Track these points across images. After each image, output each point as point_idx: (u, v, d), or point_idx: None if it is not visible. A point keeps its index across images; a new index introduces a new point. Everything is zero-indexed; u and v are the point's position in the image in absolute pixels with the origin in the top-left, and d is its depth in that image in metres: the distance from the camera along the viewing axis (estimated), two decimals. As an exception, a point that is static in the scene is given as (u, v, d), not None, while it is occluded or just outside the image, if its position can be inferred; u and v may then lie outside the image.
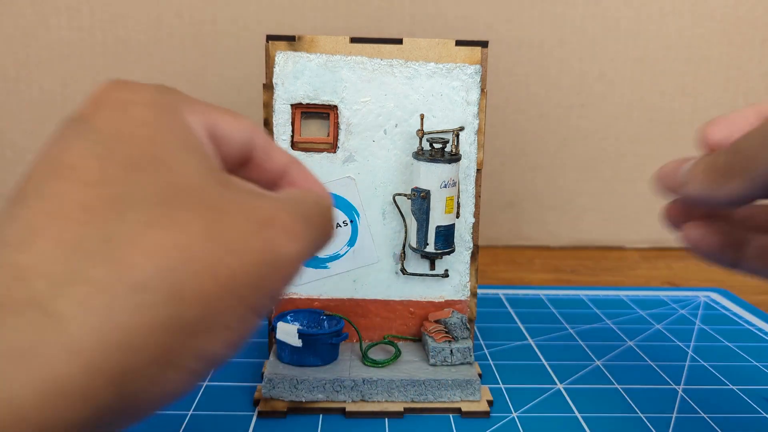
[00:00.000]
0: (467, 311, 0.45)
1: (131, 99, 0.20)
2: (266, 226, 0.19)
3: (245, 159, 0.24)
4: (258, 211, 0.19)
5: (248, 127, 0.24)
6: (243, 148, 0.24)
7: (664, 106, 0.78)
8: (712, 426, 0.39)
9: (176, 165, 0.19)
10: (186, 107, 0.22)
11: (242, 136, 0.23)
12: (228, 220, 0.18)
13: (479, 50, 0.43)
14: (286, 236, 0.20)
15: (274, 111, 0.42)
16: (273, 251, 0.19)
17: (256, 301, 0.19)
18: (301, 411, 0.40)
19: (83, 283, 0.15)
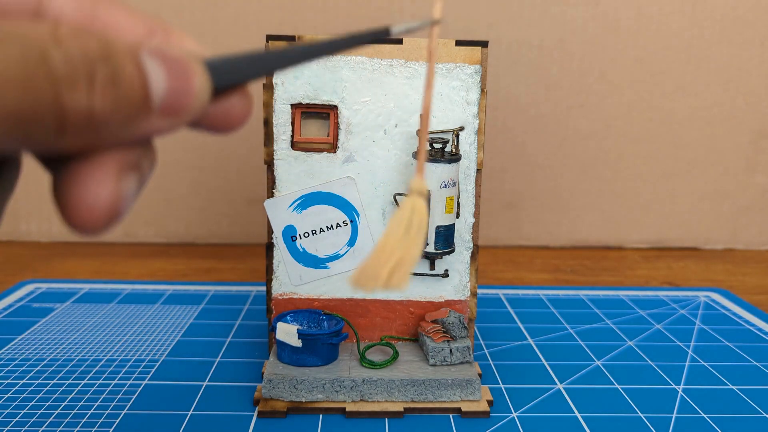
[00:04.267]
0: (467, 311, 0.45)
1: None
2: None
3: None
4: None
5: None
6: None
7: (664, 106, 0.78)
8: (712, 426, 0.39)
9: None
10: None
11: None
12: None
13: (479, 50, 0.43)
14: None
15: (274, 111, 0.42)
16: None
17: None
18: (301, 411, 0.40)
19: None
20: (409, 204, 0.24)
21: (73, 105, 0.16)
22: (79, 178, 0.18)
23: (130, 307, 0.57)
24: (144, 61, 0.18)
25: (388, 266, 0.24)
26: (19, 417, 0.39)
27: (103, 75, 0.17)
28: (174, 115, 0.19)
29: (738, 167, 0.81)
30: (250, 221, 0.79)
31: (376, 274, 0.24)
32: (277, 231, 0.43)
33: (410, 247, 0.24)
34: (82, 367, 0.46)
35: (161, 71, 0.18)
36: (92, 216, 0.18)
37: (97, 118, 0.17)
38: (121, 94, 0.17)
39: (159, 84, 0.18)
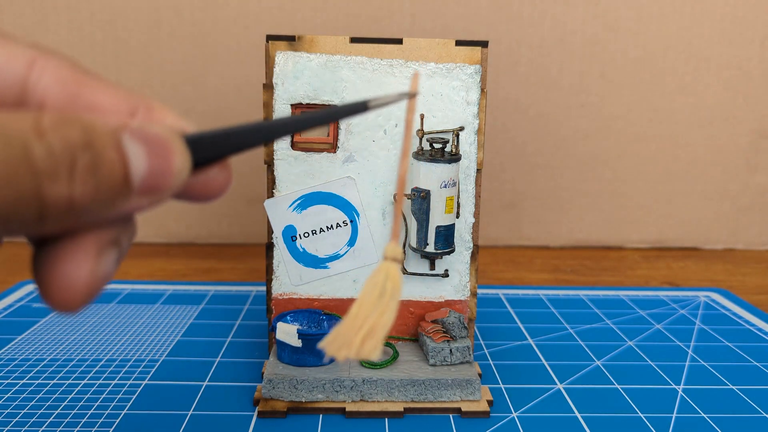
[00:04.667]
0: (467, 311, 0.45)
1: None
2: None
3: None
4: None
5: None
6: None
7: (664, 106, 0.78)
8: (712, 426, 0.39)
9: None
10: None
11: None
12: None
13: (479, 50, 0.42)
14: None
15: (274, 111, 0.42)
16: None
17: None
18: (301, 411, 0.40)
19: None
20: (384, 270, 0.25)
21: (54, 196, 0.16)
22: (58, 259, 0.18)
23: (130, 307, 0.57)
24: (125, 143, 0.18)
25: (361, 334, 0.24)
26: (19, 417, 0.39)
27: (84, 163, 0.17)
28: (154, 193, 0.19)
29: (738, 167, 0.81)
30: (250, 221, 0.79)
31: (349, 342, 0.24)
32: (277, 231, 0.43)
33: (383, 314, 0.24)
34: (82, 367, 0.46)
35: (142, 152, 0.18)
36: (70, 297, 0.19)
37: (77, 206, 0.17)
38: (101, 180, 0.17)
39: (139, 166, 0.18)
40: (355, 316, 0.24)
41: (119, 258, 0.20)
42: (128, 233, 0.21)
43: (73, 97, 0.20)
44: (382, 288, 0.24)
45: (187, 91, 0.75)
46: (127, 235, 0.21)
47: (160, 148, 0.19)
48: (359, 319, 0.24)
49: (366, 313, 0.24)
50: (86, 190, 0.17)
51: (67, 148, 0.17)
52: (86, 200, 0.17)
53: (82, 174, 0.17)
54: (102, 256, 0.19)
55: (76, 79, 0.20)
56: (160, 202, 0.20)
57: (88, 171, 0.17)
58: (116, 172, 0.18)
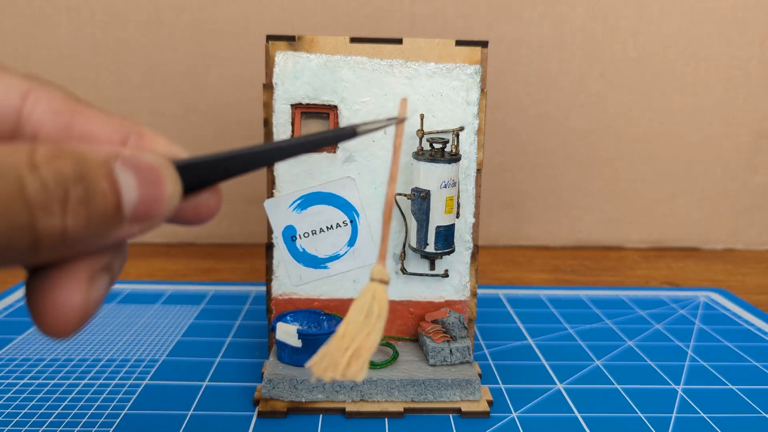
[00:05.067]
0: (467, 311, 0.45)
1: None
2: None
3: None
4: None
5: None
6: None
7: (664, 106, 0.78)
8: (712, 426, 0.39)
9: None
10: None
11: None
12: None
13: (479, 50, 0.43)
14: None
15: (274, 111, 0.42)
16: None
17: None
18: (301, 411, 0.40)
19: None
20: (370, 290, 0.25)
21: (47, 228, 0.17)
22: (51, 287, 0.19)
23: (130, 307, 0.57)
24: (117, 172, 0.18)
25: (347, 355, 0.24)
26: (20, 417, 0.39)
27: (77, 195, 0.17)
28: (146, 221, 0.19)
29: (738, 167, 0.81)
30: (250, 221, 0.79)
31: (335, 363, 0.24)
32: (277, 231, 0.43)
33: (369, 335, 0.24)
34: (82, 367, 0.46)
35: (133, 181, 0.19)
36: (62, 324, 0.19)
37: (70, 236, 0.17)
38: (93, 211, 0.18)
39: (131, 194, 0.19)
40: (342, 337, 0.25)
41: (111, 283, 0.21)
42: (120, 258, 0.21)
43: (66, 126, 0.20)
44: (369, 309, 0.25)
45: (187, 91, 0.75)
46: (118, 260, 0.21)
47: (151, 176, 0.19)
48: (346, 340, 0.24)
49: (353, 334, 0.25)
50: (79, 221, 0.17)
51: (60, 181, 0.17)
52: (79, 231, 0.17)
53: (75, 206, 0.17)
54: (94, 282, 0.19)
55: (69, 108, 0.20)
56: (152, 228, 0.20)
57: (81, 202, 0.17)
58: (108, 202, 0.18)
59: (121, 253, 0.21)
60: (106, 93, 0.75)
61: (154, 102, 0.75)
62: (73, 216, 0.17)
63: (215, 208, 0.22)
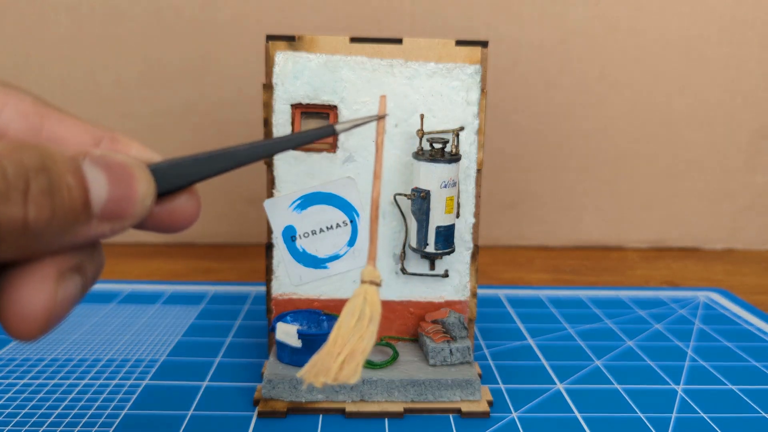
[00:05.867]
0: (467, 311, 0.45)
1: None
2: None
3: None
4: None
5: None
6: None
7: (664, 106, 0.78)
8: (711, 426, 0.39)
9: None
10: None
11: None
12: None
13: (479, 50, 0.42)
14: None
15: (274, 111, 0.42)
16: None
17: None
18: (301, 411, 0.40)
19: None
20: (362, 293, 0.24)
21: (6, 216, 0.16)
22: (16, 284, 0.18)
23: (130, 307, 0.57)
24: (85, 169, 0.18)
25: (339, 360, 0.24)
26: (20, 417, 0.39)
27: (39, 186, 0.17)
28: (116, 220, 0.19)
29: (738, 167, 0.81)
30: (250, 221, 0.79)
31: (327, 369, 0.23)
32: (276, 231, 0.43)
33: (362, 339, 0.24)
34: (82, 367, 0.46)
35: (103, 178, 0.18)
36: (27, 323, 0.18)
37: (32, 228, 0.17)
38: (58, 204, 0.17)
39: (100, 191, 0.18)
40: (334, 343, 0.24)
41: (84, 286, 0.20)
42: (94, 261, 0.20)
43: (35, 129, 0.20)
44: (361, 312, 0.24)
45: (187, 90, 0.75)
46: (93, 263, 0.20)
47: (122, 174, 0.19)
48: (337, 346, 0.24)
49: (345, 338, 0.24)
50: (42, 213, 0.17)
51: (21, 172, 0.17)
52: (41, 223, 0.17)
53: (37, 197, 0.17)
54: (62, 282, 0.19)
55: (39, 112, 0.20)
56: (123, 228, 0.20)
57: (44, 194, 0.17)
58: (75, 197, 0.18)
59: (94, 255, 0.21)
60: (106, 92, 0.75)
61: (153, 102, 0.75)
62: (35, 206, 0.17)
63: (193, 213, 0.22)
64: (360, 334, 0.24)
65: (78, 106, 0.75)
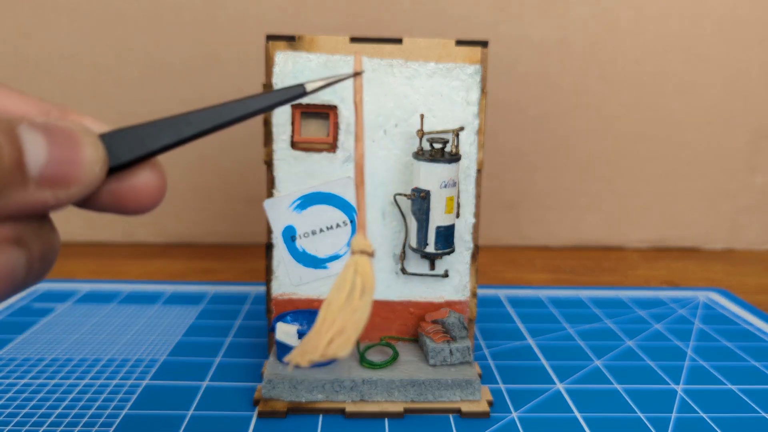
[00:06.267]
0: (467, 311, 0.45)
1: None
2: None
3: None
4: None
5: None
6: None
7: (664, 106, 0.78)
8: (711, 426, 0.39)
9: None
10: None
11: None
12: None
13: (479, 50, 0.42)
14: None
15: (274, 111, 0.42)
16: None
17: None
18: (301, 411, 0.40)
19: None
20: (352, 264, 0.22)
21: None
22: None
23: (130, 307, 0.57)
24: (20, 132, 0.17)
25: (328, 337, 0.21)
26: (20, 417, 0.39)
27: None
28: (59, 186, 0.18)
29: (738, 167, 0.81)
30: (249, 221, 0.79)
31: (315, 348, 0.21)
32: (276, 231, 0.43)
33: (354, 313, 0.22)
34: (82, 367, 0.46)
35: (41, 141, 0.17)
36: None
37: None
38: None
39: (37, 153, 0.17)
40: (323, 322, 0.22)
41: (29, 264, 0.19)
42: (42, 237, 0.19)
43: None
44: (352, 284, 0.22)
45: (187, 91, 0.75)
46: (40, 239, 0.19)
47: (65, 137, 0.18)
48: (327, 324, 0.22)
49: (334, 316, 0.22)
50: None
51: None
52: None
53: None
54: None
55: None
56: (71, 197, 0.18)
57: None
58: (6, 160, 0.16)
59: (42, 230, 0.19)
60: (106, 92, 0.75)
61: (153, 102, 0.75)
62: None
63: (157, 189, 0.20)
64: (352, 307, 0.22)
65: (78, 106, 0.74)
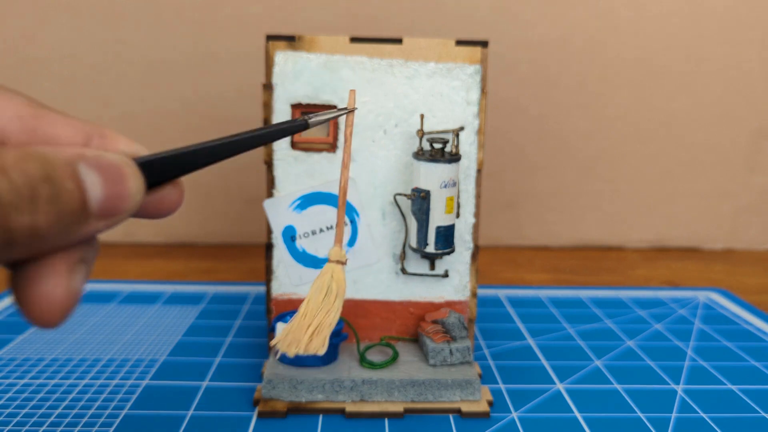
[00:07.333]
0: (467, 311, 0.45)
1: None
2: None
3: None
4: None
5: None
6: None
7: (664, 106, 0.78)
8: (711, 426, 0.39)
9: None
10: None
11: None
12: None
13: (479, 50, 0.43)
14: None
15: (274, 111, 0.42)
16: None
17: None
18: (301, 411, 0.40)
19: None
20: (329, 271, 0.27)
21: (19, 225, 0.18)
22: (34, 280, 0.20)
23: (130, 307, 0.57)
24: (81, 172, 0.20)
25: (309, 332, 0.26)
26: (20, 417, 0.39)
27: (45, 194, 0.18)
28: (111, 216, 0.21)
29: (738, 167, 0.81)
30: (249, 221, 0.79)
31: (298, 339, 0.26)
32: (276, 231, 0.43)
33: (328, 313, 0.27)
34: (82, 367, 0.46)
35: (97, 180, 0.20)
36: (50, 314, 0.20)
37: (41, 232, 0.19)
38: (62, 208, 0.19)
39: (96, 192, 0.20)
40: (304, 315, 0.27)
41: (88, 274, 0.22)
42: (93, 251, 0.22)
43: (31, 130, 0.21)
44: (328, 288, 0.27)
45: (187, 91, 0.75)
46: (91, 252, 0.22)
47: (114, 173, 0.20)
48: (307, 318, 0.27)
49: (313, 311, 0.27)
50: (49, 219, 0.18)
51: (29, 182, 0.18)
52: (49, 227, 0.19)
53: (44, 204, 0.18)
54: (73, 273, 0.21)
55: (33, 113, 0.21)
56: (118, 223, 0.21)
57: (49, 201, 0.18)
58: (75, 200, 0.19)
59: (93, 245, 0.22)
60: (106, 93, 0.75)
61: (153, 102, 0.75)
62: (43, 214, 0.18)
63: (177, 200, 0.24)
64: (327, 308, 0.27)
65: (78, 106, 0.75)
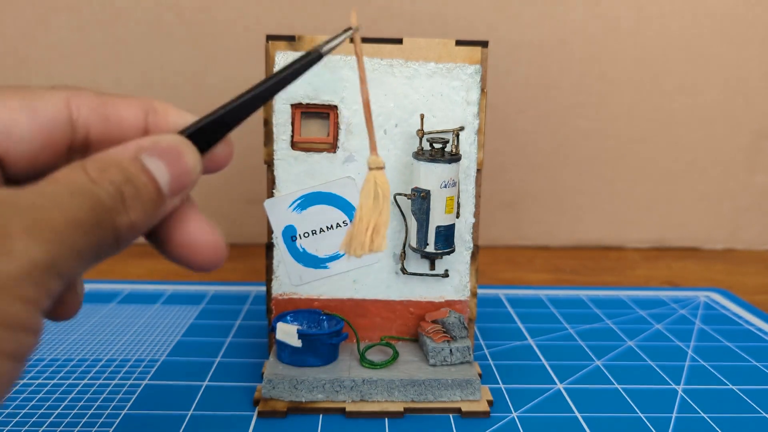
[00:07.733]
0: (467, 311, 0.45)
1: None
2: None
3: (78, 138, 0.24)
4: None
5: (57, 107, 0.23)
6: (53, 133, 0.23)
7: (664, 106, 0.78)
8: (712, 426, 0.39)
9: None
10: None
11: (43, 122, 0.23)
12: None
13: (479, 50, 0.42)
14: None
15: (274, 111, 0.42)
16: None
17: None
18: (301, 411, 0.40)
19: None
20: (372, 178, 0.29)
21: (121, 224, 0.21)
22: (187, 232, 0.24)
23: (130, 307, 0.57)
24: (146, 163, 0.22)
25: (368, 234, 0.29)
26: (20, 417, 0.39)
27: (130, 194, 0.21)
28: (181, 191, 0.23)
29: (738, 167, 0.81)
30: (250, 221, 0.79)
31: (361, 242, 0.29)
32: (276, 231, 0.43)
33: (381, 213, 0.29)
34: (82, 367, 0.46)
35: (161, 165, 0.23)
36: (213, 252, 0.24)
37: (136, 226, 0.22)
38: (145, 201, 0.22)
39: (163, 177, 0.23)
40: (360, 220, 0.29)
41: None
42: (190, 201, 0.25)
43: (105, 119, 0.24)
44: (375, 193, 0.29)
45: (187, 91, 0.75)
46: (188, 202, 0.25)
47: (173, 154, 0.23)
48: (364, 222, 0.29)
49: (368, 215, 0.29)
50: (138, 212, 0.22)
51: (117, 188, 0.21)
52: (141, 219, 0.22)
53: (131, 201, 0.21)
54: (204, 221, 0.25)
55: (102, 102, 0.24)
56: (188, 193, 0.24)
57: (134, 197, 0.21)
58: (151, 190, 0.22)
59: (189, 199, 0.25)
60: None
61: (154, 102, 0.75)
62: (133, 210, 0.21)
63: (228, 155, 0.26)
64: (379, 210, 0.29)
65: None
